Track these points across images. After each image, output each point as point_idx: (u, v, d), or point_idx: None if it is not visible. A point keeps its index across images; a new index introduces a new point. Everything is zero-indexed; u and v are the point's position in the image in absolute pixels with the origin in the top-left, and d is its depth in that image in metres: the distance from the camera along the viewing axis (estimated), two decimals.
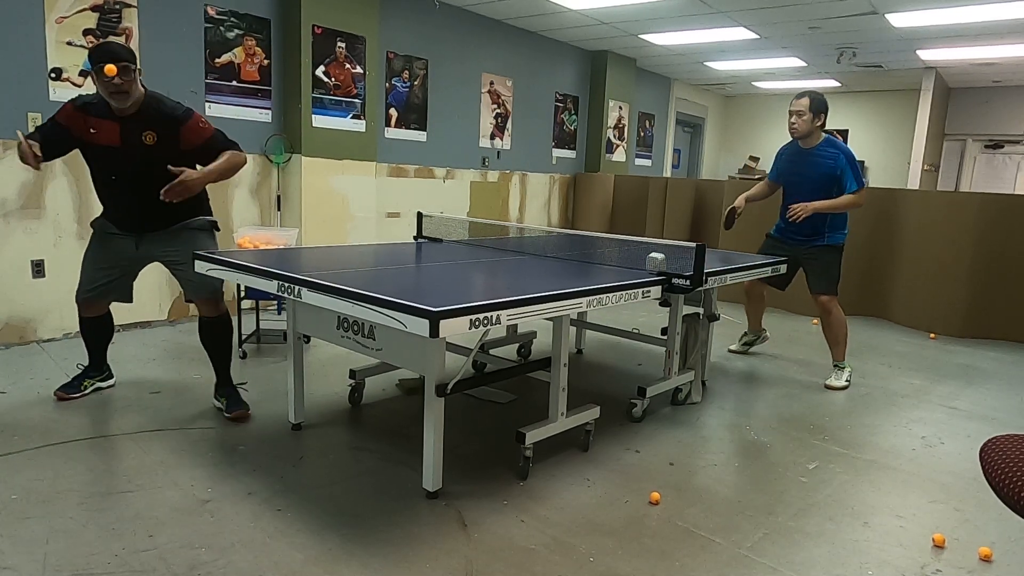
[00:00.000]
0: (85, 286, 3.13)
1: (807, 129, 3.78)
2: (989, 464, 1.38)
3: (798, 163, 3.91)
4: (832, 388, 3.93)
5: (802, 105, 3.75)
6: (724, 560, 2.09)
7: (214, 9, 4.73)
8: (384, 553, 2.04)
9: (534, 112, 7.67)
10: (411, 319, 1.95)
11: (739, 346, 4.70)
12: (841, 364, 4.02)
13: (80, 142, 2.85)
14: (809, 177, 3.84)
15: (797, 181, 3.92)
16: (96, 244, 3.11)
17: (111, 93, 2.71)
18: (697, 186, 7.25)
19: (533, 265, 3.12)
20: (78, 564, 1.91)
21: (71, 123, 2.81)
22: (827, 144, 3.83)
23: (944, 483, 2.73)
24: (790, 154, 3.99)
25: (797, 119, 3.78)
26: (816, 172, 3.81)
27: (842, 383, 3.94)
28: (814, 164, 3.82)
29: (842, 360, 4.02)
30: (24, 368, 3.65)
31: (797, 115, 3.78)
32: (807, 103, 3.74)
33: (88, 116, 2.80)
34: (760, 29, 6.80)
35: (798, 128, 3.79)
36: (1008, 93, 9.48)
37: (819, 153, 3.81)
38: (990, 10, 5.72)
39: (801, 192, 3.86)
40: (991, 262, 5.31)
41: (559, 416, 2.71)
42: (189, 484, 2.41)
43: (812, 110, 3.74)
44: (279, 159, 5.16)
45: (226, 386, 3.14)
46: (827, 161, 3.78)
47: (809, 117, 3.74)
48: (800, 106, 3.76)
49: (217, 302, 3.10)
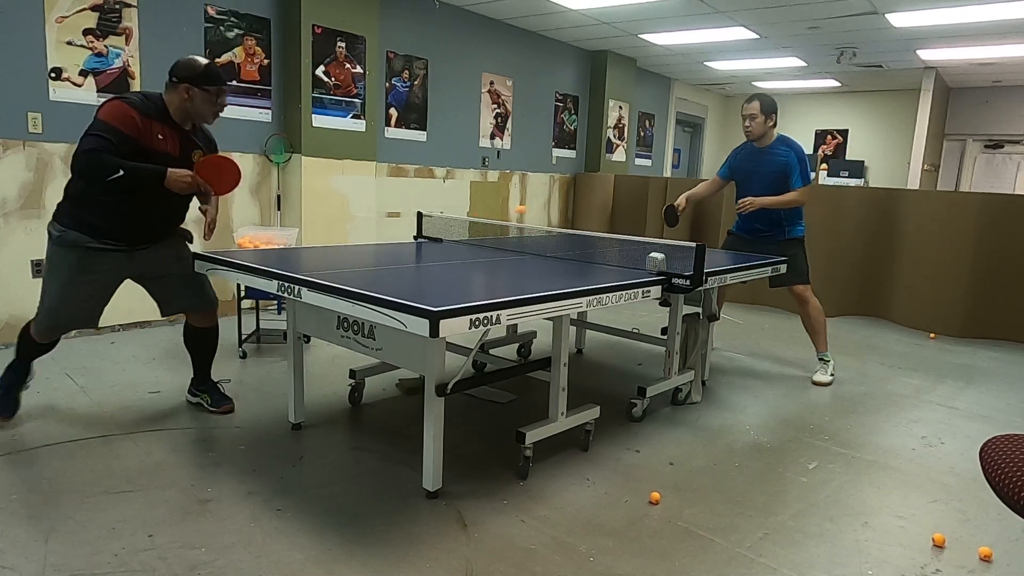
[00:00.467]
0: (60, 321, 2.77)
1: (761, 130, 3.96)
2: (989, 464, 1.38)
3: (753, 161, 4.07)
4: (819, 384, 3.98)
5: (754, 109, 3.94)
6: (724, 560, 2.09)
7: (214, 9, 4.73)
8: (384, 553, 2.04)
9: (534, 112, 7.68)
10: (411, 319, 1.95)
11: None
12: (825, 357, 4.10)
13: (144, 149, 2.61)
14: (762, 174, 4.00)
15: (750, 178, 4.07)
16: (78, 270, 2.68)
17: (212, 114, 2.76)
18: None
19: (533, 265, 3.12)
20: (78, 564, 1.91)
21: (139, 132, 2.59)
22: (780, 143, 4.01)
23: (944, 483, 2.73)
24: (746, 153, 4.14)
25: (751, 122, 3.96)
26: (768, 169, 3.98)
27: (827, 378, 4.01)
28: (768, 162, 3.99)
29: (825, 350, 4.10)
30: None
31: (750, 118, 3.96)
32: (758, 106, 3.93)
33: (153, 121, 2.64)
34: (760, 29, 6.80)
35: (752, 130, 3.98)
36: (1008, 93, 9.48)
37: (773, 151, 3.99)
38: (990, 10, 5.72)
39: (752, 188, 4.01)
40: (991, 262, 5.31)
41: (559, 416, 2.71)
42: (189, 484, 2.41)
43: (763, 112, 3.93)
44: (279, 159, 5.16)
45: (206, 382, 3.16)
46: (780, 159, 3.96)
47: (761, 119, 3.93)
48: (752, 110, 3.94)
49: (215, 313, 3.09)
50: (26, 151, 4.01)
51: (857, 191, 6.14)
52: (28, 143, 4.01)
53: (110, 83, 4.29)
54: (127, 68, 4.36)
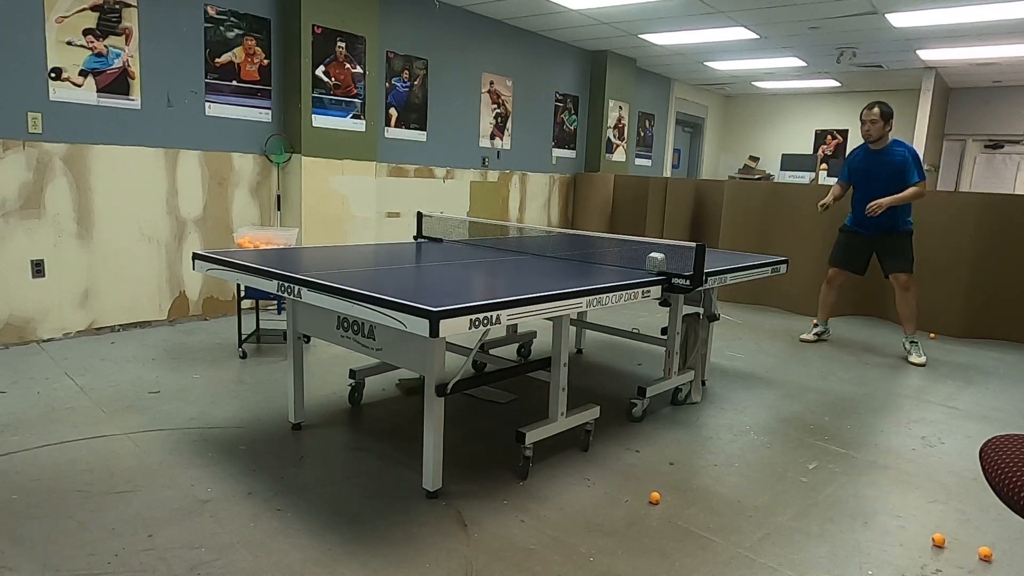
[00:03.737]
0: None
1: (879, 133, 4.45)
2: (989, 464, 1.38)
3: (871, 163, 4.55)
4: (916, 364, 4.50)
5: (874, 114, 4.43)
6: (724, 560, 2.09)
7: (214, 9, 4.73)
8: (384, 553, 2.04)
9: (534, 112, 7.68)
10: (411, 319, 1.95)
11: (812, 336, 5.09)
12: (915, 339, 4.64)
13: None
14: (881, 174, 4.48)
15: (870, 178, 4.54)
16: None
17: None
18: (697, 186, 7.25)
19: (533, 265, 3.11)
20: (78, 564, 1.91)
21: None
22: (896, 144, 4.50)
23: (944, 483, 2.73)
24: (863, 156, 4.62)
25: (871, 126, 4.45)
26: (888, 168, 4.46)
27: (922, 358, 4.54)
28: (886, 162, 4.47)
29: (914, 333, 4.66)
30: (24, 368, 3.65)
31: (871, 123, 4.45)
32: (879, 112, 4.43)
33: None
34: (760, 29, 6.80)
35: (872, 133, 4.47)
36: (1008, 93, 9.48)
37: (890, 152, 4.48)
38: (990, 10, 5.73)
39: (873, 186, 4.49)
40: (991, 262, 5.31)
41: (559, 416, 2.71)
42: (189, 484, 2.41)
43: (883, 118, 4.43)
44: (279, 159, 5.16)
45: None
46: (897, 159, 4.44)
47: (880, 124, 4.43)
48: (873, 115, 4.44)
49: None
50: (26, 151, 4.01)
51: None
52: (28, 143, 4.01)
53: (110, 83, 4.29)
54: (127, 68, 4.36)
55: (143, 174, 4.52)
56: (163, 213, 4.64)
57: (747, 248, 6.14)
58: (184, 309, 4.81)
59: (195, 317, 4.87)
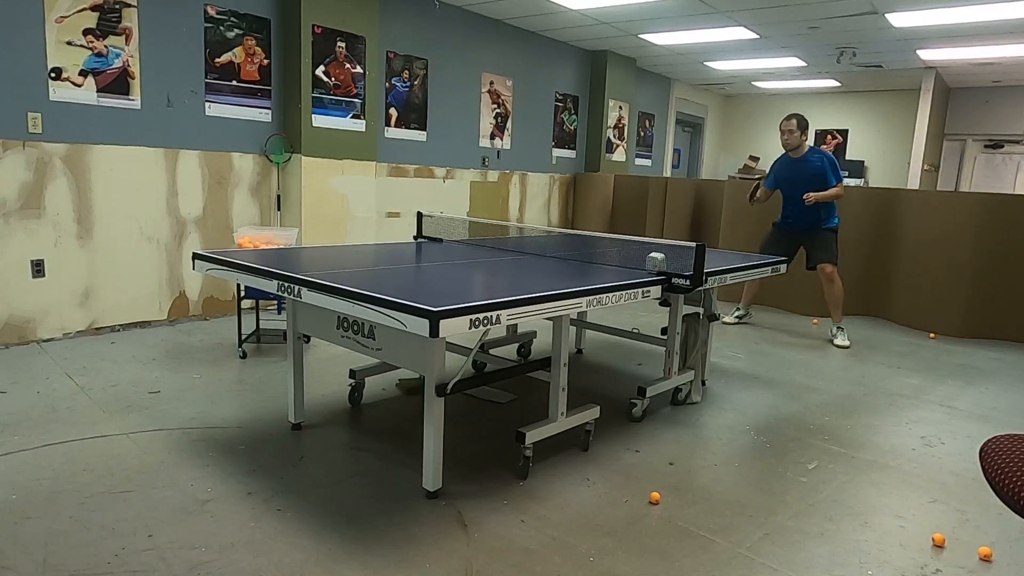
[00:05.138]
0: None
1: (797, 143, 4.92)
2: (989, 464, 1.38)
3: (793, 170, 5.00)
4: (841, 347, 4.90)
5: (792, 125, 4.90)
6: (724, 560, 2.09)
7: (214, 9, 4.73)
8: (384, 553, 2.04)
9: (534, 112, 7.67)
10: (411, 319, 1.95)
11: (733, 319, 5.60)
12: (841, 325, 5.06)
13: None
14: (802, 177, 4.92)
15: (794, 183, 4.97)
16: None
17: None
18: (697, 186, 7.25)
19: (533, 265, 3.11)
20: (78, 564, 1.91)
21: None
22: (812, 152, 4.98)
23: (944, 483, 2.73)
24: (785, 164, 5.06)
25: (789, 136, 4.91)
26: (807, 173, 4.91)
27: (847, 342, 4.95)
28: (805, 168, 4.93)
29: (840, 321, 5.07)
30: (24, 368, 3.65)
31: (789, 132, 4.91)
32: (796, 123, 4.89)
33: None
34: (760, 29, 6.80)
35: (790, 142, 4.93)
36: (1008, 93, 9.48)
37: (808, 160, 4.95)
38: (990, 10, 5.72)
39: (797, 190, 4.92)
40: (991, 262, 5.31)
41: (559, 416, 2.71)
42: (189, 484, 2.41)
43: (799, 128, 4.89)
44: (279, 159, 5.16)
45: None
46: (815, 165, 4.90)
47: (798, 134, 4.89)
48: (791, 126, 4.91)
49: None
50: (26, 151, 4.01)
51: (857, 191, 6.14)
52: (28, 143, 4.01)
53: (110, 83, 4.29)
54: (127, 68, 4.36)
55: (143, 174, 4.52)
56: (163, 213, 4.64)
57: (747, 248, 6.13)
58: (184, 309, 4.81)
59: (195, 317, 4.87)
